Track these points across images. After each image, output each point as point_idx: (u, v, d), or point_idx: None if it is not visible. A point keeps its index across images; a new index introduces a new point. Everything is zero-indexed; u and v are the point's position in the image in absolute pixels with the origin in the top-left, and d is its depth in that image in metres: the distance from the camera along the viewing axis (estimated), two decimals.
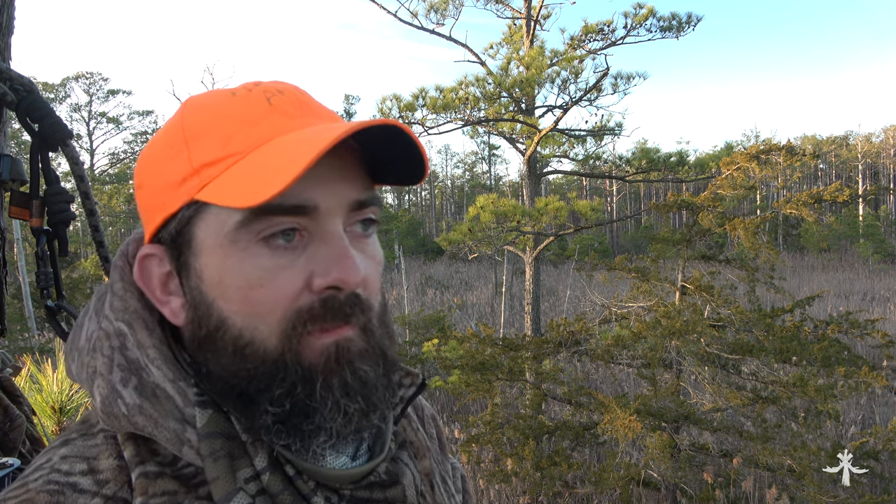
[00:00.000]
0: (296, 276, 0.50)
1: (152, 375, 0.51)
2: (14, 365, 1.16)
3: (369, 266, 0.54)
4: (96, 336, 0.55)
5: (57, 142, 0.97)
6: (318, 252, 0.50)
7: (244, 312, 0.50)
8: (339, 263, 0.49)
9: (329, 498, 0.52)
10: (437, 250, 28.13)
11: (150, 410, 0.50)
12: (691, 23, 8.54)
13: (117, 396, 0.51)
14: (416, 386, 0.66)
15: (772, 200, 31.76)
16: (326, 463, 0.53)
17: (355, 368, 0.51)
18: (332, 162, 0.51)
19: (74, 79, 32.09)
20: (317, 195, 0.50)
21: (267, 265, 0.49)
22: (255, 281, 0.49)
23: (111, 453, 0.51)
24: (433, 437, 0.77)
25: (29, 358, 1.96)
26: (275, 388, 0.49)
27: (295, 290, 0.49)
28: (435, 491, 0.66)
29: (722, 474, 5.61)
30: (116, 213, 29.47)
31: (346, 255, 0.50)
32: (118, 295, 0.55)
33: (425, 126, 8.28)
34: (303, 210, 0.49)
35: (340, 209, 0.51)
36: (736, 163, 5.55)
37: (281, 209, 0.48)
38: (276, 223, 0.49)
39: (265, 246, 0.49)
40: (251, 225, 0.49)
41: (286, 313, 0.49)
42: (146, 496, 0.48)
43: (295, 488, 0.51)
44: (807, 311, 5.28)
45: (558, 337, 5.49)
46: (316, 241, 0.50)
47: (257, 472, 0.50)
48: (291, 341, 0.49)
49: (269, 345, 0.49)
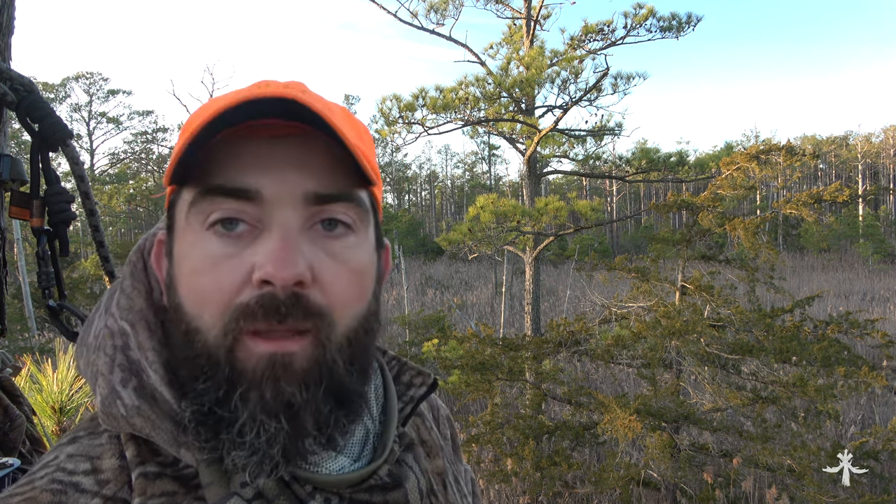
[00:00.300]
0: (238, 268, 0.47)
1: (151, 378, 0.51)
2: (14, 365, 1.16)
3: (333, 269, 0.49)
4: (102, 334, 0.55)
5: (57, 142, 0.97)
6: (261, 244, 0.47)
7: (191, 299, 0.48)
8: (272, 256, 0.46)
9: (329, 500, 0.51)
10: (437, 250, 28.13)
11: (148, 412, 0.50)
12: (691, 23, 8.54)
13: (116, 397, 0.51)
14: (427, 386, 0.64)
15: (772, 200, 31.77)
16: (321, 465, 0.53)
17: (280, 388, 0.46)
18: (290, 150, 0.49)
19: (74, 79, 32.10)
20: (262, 181, 0.47)
21: (213, 252, 0.48)
22: (200, 268, 0.48)
23: (114, 453, 0.51)
24: (447, 437, 0.76)
25: (29, 358, 1.96)
26: (201, 381, 0.47)
27: (235, 283, 0.47)
28: (448, 491, 0.66)
29: (722, 474, 5.61)
30: (116, 213, 29.48)
31: (282, 248, 0.46)
32: (126, 293, 0.55)
33: (425, 126, 8.28)
34: (244, 194, 0.47)
35: (291, 200, 0.48)
36: (736, 163, 5.55)
37: (222, 191, 0.48)
38: (220, 206, 0.48)
39: (213, 233, 0.48)
40: (198, 205, 0.48)
41: (226, 307, 0.47)
42: (144, 497, 0.48)
43: (292, 492, 0.50)
44: (807, 311, 5.28)
45: (558, 337, 5.49)
46: (264, 234, 0.48)
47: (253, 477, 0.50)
48: (227, 337, 0.46)
49: (210, 336, 0.47)
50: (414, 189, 51.63)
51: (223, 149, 0.49)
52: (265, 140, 0.49)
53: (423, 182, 51.02)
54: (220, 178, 0.48)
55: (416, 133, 8.40)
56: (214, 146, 0.49)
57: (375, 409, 0.60)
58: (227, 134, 0.49)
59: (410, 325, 10.62)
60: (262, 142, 0.49)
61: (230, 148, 0.49)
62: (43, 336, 12.78)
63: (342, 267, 0.50)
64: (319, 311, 0.47)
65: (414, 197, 52.36)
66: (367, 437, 0.58)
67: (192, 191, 0.49)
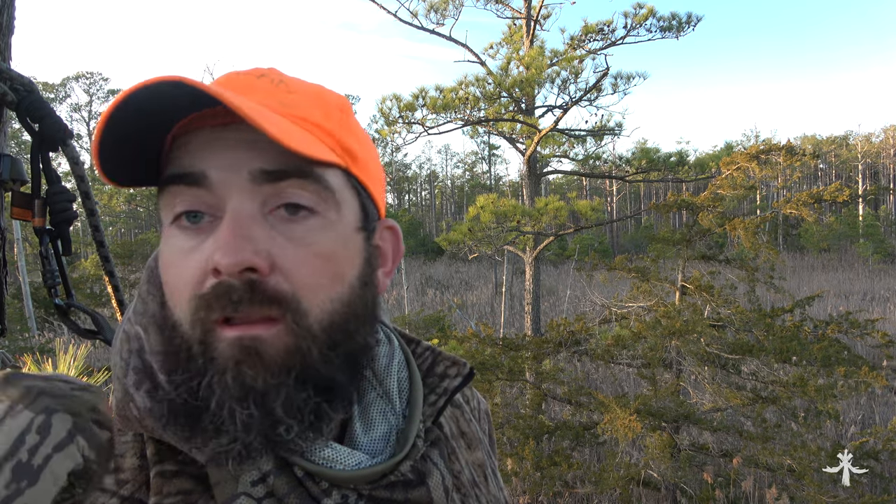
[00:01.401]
0: (199, 259, 0.47)
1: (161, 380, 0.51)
2: (14, 365, 1.16)
3: (295, 254, 0.47)
4: (120, 338, 0.56)
5: (57, 142, 0.97)
6: (218, 233, 0.47)
7: (167, 294, 0.49)
8: (219, 243, 0.45)
9: (346, 498, 0.50)
10: (437, 250, 28.14)
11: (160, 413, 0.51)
12: (691, 23, 8.54)
13: (130, 399, 0.51)
14: (462, 377, 0.62)
15: (772, 200, 31.77)
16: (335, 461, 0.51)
17: (241, 371, 0.45)
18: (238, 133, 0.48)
19: (74, 79, 32.12)
20: (207, 164, 0.47)
21: (179, 245, 0.48)
22: (169, 262, 0.49)
23: (135, 451, 0.52)
24: (485, 432, 0.75)
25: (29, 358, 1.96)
26: (178, 372, 0.47)
27: (197, 274, 0.46)
28: (489, 483, 0.65)
29: (722, 474, 5.61)
30: (116, 213, 29.49)
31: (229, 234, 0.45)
32: (142, 297, 0.56)
33: (425, 126, 8.29)
34: (192, 179, 0.47)
35: (239, 181, 0.47)
36: (736, 163, 5.55)
37: (172, 179, 0.48)
38: (178, 197, 0.48)
39: (177, 227, 0.49)
40: (163, 200, 0.49)
41: (190, 298, 0.46)
42: (160, 496, 0.49)
43: (304, 490, 0.50)
44: (807, 311, 5.28)
45: (558, 337, 5.49)
46: (220, 222, 0.47)
47: (264, 475, 0.49)
48: (196, 329, 0.46)
49: (185, 329, 0.47)
50: (414, 189, 51.64)
51: (176, 141, 0.50)
52: (214, 127, 0.48)
53: (423, 182, 51.03)
54: (173, 167, 0.49)
55: (416, 133, 8.40)
56: (170, 143, 0.50)
57: (399, 404, 0.58)
58: (178, 129, 0.49)
59: (410, 325, 10.63)
60: (211, 129, 0.48)
61: (182, 139, 0.49)
62: (43, 336, 12.78)
63: (306, 251, 0.48)
64: (281, 297, 0.46)
65: (414, 197, 52.37)
66: (391, 433, 0.56)
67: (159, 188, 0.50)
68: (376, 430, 0.55)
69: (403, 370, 0.61)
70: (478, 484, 0.62)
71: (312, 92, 0.54)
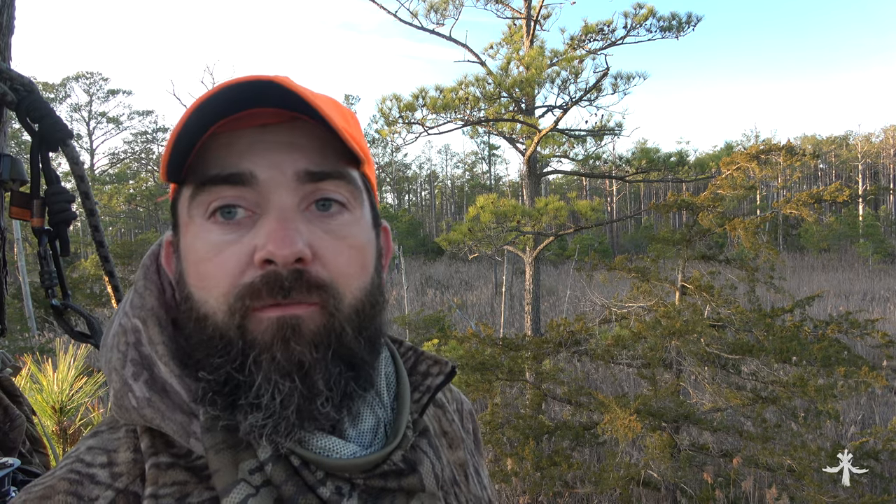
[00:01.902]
0: (240, 251, 0.50)
1: (161, 371, 0.54)
2: (14, 365, 1.16)
3: (332, 245, 0.52)
4: (117, 332, 0.57)
5: (57, 142, 0.97)
6: (261, 227, 0.50)
7: (198, 286, 0.51)
8: (272, 236, 0.48)
9: (340, 487, 0.52)
10: (437, 250, 28.14)
11: (159, 403, 0.52)
12: (691, 23, 8.54)
13: (128, 390, 0.53)
14: (444, 374, 0.65)
15: (772, 200, 31.78)
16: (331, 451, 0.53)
17: (290, 347, 0.49)
18: (279, 135, 0.52)
19: (74, 79, 32.13)
20: (255, 165, 0.50)
21: (214, 240, 0.50)
22: (203, 255, 0.51)
23: (129, 446, 0.54)
24: (469, 431, 0.77)
25: (29, 358, 1.96)
26: (216, 357, 0.50)
27: (239, 265, 0.50)
28: (470, 482, 0.66)
29: (722, 474, 5.61)
30: (116, 213, 29.48)
31: (281, 227, 0.49)
32: (139, 292, 0.58)
33: (425, 126, 8.28)
34: (239, 179, 0.50)
35: (285, 181, 0.51)
36: (736, 163, 5.55)
37: (218, 179, 0.50)
38: (219, 195, 0.51)
39: (213, 222, 0.51)
40: (198, 198, 0.51)
41: (231, 288, 0.49)
42: (156, 486, 0.50)
43: (301, 478, 0.51)
44: (807, 311, 5.28)
45: (558, 337, 5.49)
46: (263, 217, 0.50)
47: (261, 464, 0.51)
48: (235, 316, 0.49)
49: (218, 318, 0.50)
50: (414, 189, 51.64)
51: (216, 142, 0.52)
52: (255, 129, 0.52)
53: (423, 182, 51.03)
54: (216, 167, 0.51)
55: (416, 133, 8.41)
56: (208, 141, 0.52)
57: (387, 397, 0.60)
58: (218, 127, 0.51)
59: (410, 325, 10.62)
60: (253, 130, 0.52)
61: (223, 140, 0.52)
62: (43, 336, 12.78)
63: (341, 243, 0.52)
64: (323, 283, 0.50)
65: (414, 197, 52.37)
66: (379, 425, 0.58)
67: (191, 186, 0.52)
68: (364, 422, 0.57)
69: (390, 365, 0.64)
70: (458, 482, 0.63)
71: (328, 98, 0.58)
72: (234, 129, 0.52)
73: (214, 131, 0.51)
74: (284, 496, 0.50)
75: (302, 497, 0.50)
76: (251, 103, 0.50)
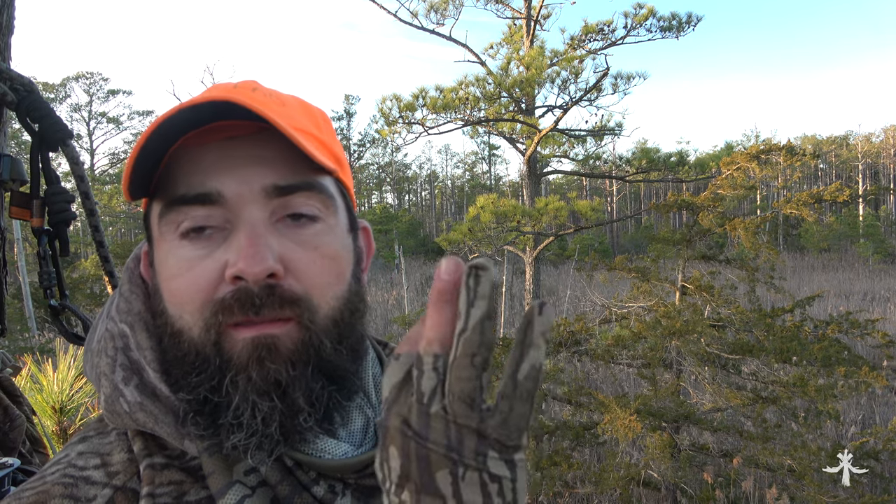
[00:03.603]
0: (211, 267, 0.49)
1: (150, 375, 0.53)
2: (14, 365, 1.16)
3: (305, 257, 0.51)
4: (104, 337, 0.57)
5: (57, 142, 0.97)
6: (231, 242, 0.49)
7: (171, 302, 0.51)
8: (242, 252, 0.48)
9: (333, 487, 0.52)
10: (438, 250, 28.11)
11: (151, 407, 0.52)
12: (691, 23, 8.54)
13: (119, 395, 0.53)
14: None
15: (772, 200, 31.77)
16: (324, 452, 0.53)
17: (265, 367, 0.48)
18: (247, 149, 0.51)
19: (74, 79, 32.12)
20: (222, 183, 0.49)
21: (186, 255, 0.50)
22: (175, 271, 0.50)
23: (122, 448, 0.54)
24: None
25: (29, 358, 1.96)
26: (193, 375, 0.49)
27: (210, 281, 0.49)
28: None
29: (722, 474, 5.61)
30: (116, 213, 29.46)
31: (250, 244, 0.48)
32: (124, 297, 0.58)
33: (425, 126, 8.28)
34: (207, 199, 0.49)
35: (252, 195, 0.50)
36: (736, 163, 5.55)
37: (185, 199, 0.50)
38: (188, 215, 0.50)
39: (185, 238, 0.50)
40: (167, 216, 0.51)
41: (204, 304, 0.49)
42: (153, 486, 0.50)
43: (295, 478, 0.51)
44: (807, 311, 5.28)
45: (558, 337, 5.48)
46: (234, 232, 0.50)
47: (255, 465, 0.51)
48: (210, 332, 0.49)
49: (194, 334, 0.50)
50: (414, 189, 51.62)
51: (184, 156, 0.51)
52: (221, 142, 0.51)
53: (423, 182, 51.01)
54: (183, 186, 0.50)
55: (416, 133, 8.41)
56: (175, 154, 0.51)
57: (375, 398, 0.61)
58: (184, 141, 0.51)
59: (410, 325, 10.61)
60: (219, 144, 0.51)
61: (191, 154, 0.51)
62: (43, 336, 12.77)
63: (314, 253, 0.51)
64: (296, 298, 0.49)
65: (414, 197, 52.35)
66: (368, 425, 0.58)
67: (160, 203, 0.51)
68: (354, 423, 0.57)
69: (377, 367, 0.64)
70: None
71: (298, 103, 0.57)
72: (202, 142, 0.51)
73: (182, 144, 0.51)
74: (280, 496, 0.50)
75: (297, 496, 0.50)
76: (216, 117, 0.49)
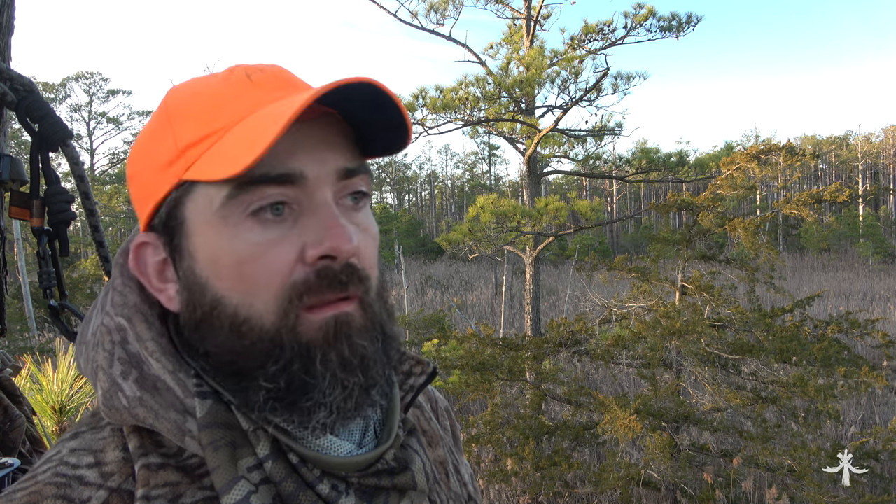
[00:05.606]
0: (288, 250, 0.49)
1: (152, 368, 0.52)
2: (14, 365, 1.16)
3: (363, 237, 0.53)
4: (99, 331, 0.55)
5: (57, 142, 0.97)
6: (309, 223, 0.50)
7: (239, 290, 0.49)
8: (330, 232, 0.49)
9: (336, 485, 0.52)
10: (437, 250, 28.12)
11: (151, 402, 0.51)
12: (691, 23, 8.54)
13: (118, 389, 0.51)
14: (427, 374, 0.65)
15: (772, 200, 31.76)
16: (329, 449, 0.53)
17: (353, 343, 0.50)
18: (318, 131, 0.51)
19: (74, 79, 32.09)
20: (303, 164, 0.50)
21: (258, 240, 0.49)
22: (248, 257, 0.49)
23: (117, 445, 0.52)
24: (447, 428, 0.77)
25: (29, 358, 1.96)
26: (270, 364, 0.49)
27: (288, 264, 0.49)
28: (450, 479, 0.67)
29: (722, 474, 5.61)
30: (116, 213, 29.45)
31: (337, 224, 0.49)
32: (118, 290, 0.56)
33: (425, 126, 8.28)
34: (290, 179, 0.49)
35: (328, 178, 0.51)
36: (736, 163, 5.55)
37: (267, 179, 0.48)
38: (264, 195, 0.49)
39: (255, 221, 0.49)
40: (239, 197, 0.49)
41: (281, 288, 0.49)
42: (148, 487, 0.49)
43: (299, 475, 0.51)
44: (807, 311, 5.28)
45: (558, 337, 5.48)
46: (306, 213, 0.50)
47: (260, 461, 0.50)
48: (288, 317, 0.49)
49: (266, 321, 0.49)
50: (414, 189, 51.62)
51: None
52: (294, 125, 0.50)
53: (423, 182, 51.00)
54: (263, 166, 0.48)
55: (416, 133, 8.40)
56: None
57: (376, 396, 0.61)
58: None
59: (410, 325, 10.62)
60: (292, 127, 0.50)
61: None
62: (43, 336, 12.78)
63: (366, 234, 0.54)
64: (365, 276, 0.52)
65: (414, 197, 52.34)
66: (368, 424, 0.58)
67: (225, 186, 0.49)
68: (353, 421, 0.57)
69: None
70: (439, 481, 0.64)
71: None
72: None
73: None
74: (284, 493, 0.49)
75: (302, 494, 0.50)
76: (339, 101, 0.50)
